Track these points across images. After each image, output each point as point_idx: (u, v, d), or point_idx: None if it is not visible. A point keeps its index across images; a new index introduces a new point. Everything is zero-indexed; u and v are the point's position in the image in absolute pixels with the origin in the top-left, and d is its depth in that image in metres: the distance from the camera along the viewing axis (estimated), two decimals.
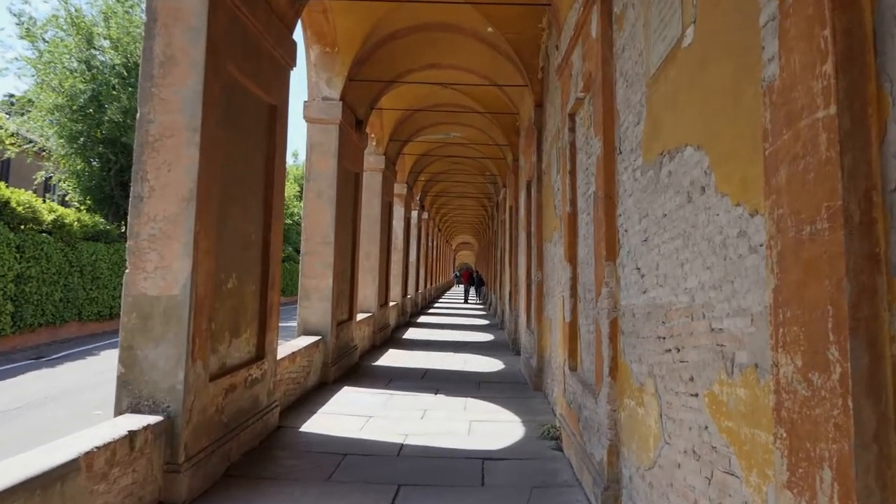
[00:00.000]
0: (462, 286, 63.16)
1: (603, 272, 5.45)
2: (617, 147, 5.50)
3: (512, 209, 16.84)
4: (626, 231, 5.13)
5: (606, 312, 5.35)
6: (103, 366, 14.53)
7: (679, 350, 4.01)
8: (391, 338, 18.66)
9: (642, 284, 4.74)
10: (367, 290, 16.29)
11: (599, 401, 5.64)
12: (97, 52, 24.65)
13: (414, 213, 27.32)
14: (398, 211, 21.84)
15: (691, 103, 3.90)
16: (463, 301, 42.77)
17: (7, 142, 25.51)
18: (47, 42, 24.61)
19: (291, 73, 8.38)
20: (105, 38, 24.47)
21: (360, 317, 14.99)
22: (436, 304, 39.45)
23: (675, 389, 4.07)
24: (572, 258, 7.30)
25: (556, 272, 8.82)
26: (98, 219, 22.19)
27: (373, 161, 17.11)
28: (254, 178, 7.48)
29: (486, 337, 19.52)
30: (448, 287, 70.48)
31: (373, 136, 17.37)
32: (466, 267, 68.85)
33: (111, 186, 25.20)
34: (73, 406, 10.27)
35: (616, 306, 5.24)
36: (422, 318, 26.46)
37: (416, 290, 29.76)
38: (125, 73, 24.39)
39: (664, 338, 4.27)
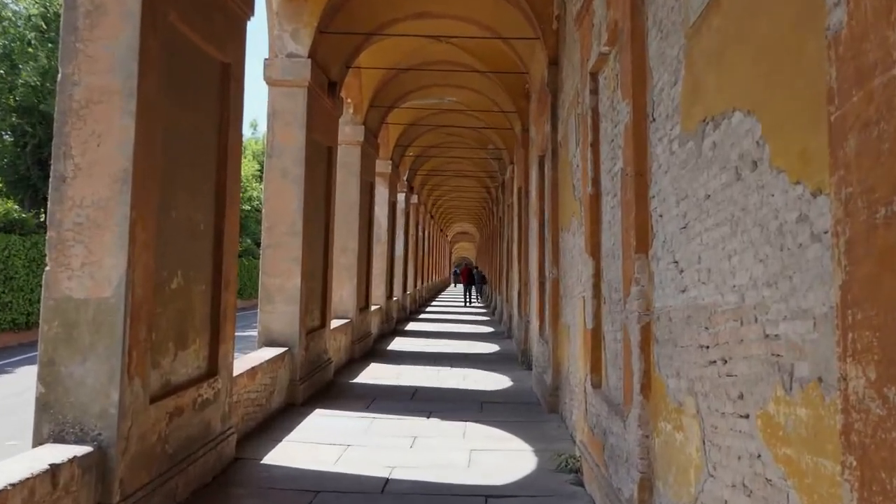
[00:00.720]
0: (461, 286, 66.00)
1: (632, 267, 5.45)
2: (649, 113, 5.50)
3: (521, 191, 16.92)
4: (660, 216, 5.16)
5: (637, 316, 5.37)
6: (20, 386, 14.52)
7: (726, 361, 4.03)
8: (373, 349, 18.64)
9: (681, 282, 4.76)
10: (343, 291, 16.34)
11: (629, 424, 5.65)
12: (9, 1, 24.58)
13: (400, 197, 27.51)
14: (381, 193, 21.90)
15: (740, 59, 3.90)
16: (463, 304, 43.92)
17: None
18: None
19: (249, 24, 8.37)
20: None
21: (335, 324, 15.04)
22: (429, 307, 40.12)
23: (720, 410, 4.08)
24: (595, 250, 7.33)
25: (576, 268, 8.90)
26: (11, 205, 22.17)
27: (349, 132, 17.08)
28: (203, 153, 7.46)
29: (489, 347, 19.65)
30: (444, 287, 72.22)
31: (349, 101, 17.36)
32: (465, 263, 73.07)
33: (27, 165, 25.18)
34: None
35: (649, 309, 5.27)
36: (411, 325, 26.63)
37: (405, 290, 30.01)
38: (44, 26, 24.35)
39: (707, 347, 4.28)
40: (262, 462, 8.22)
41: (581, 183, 8.25)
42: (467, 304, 44.00)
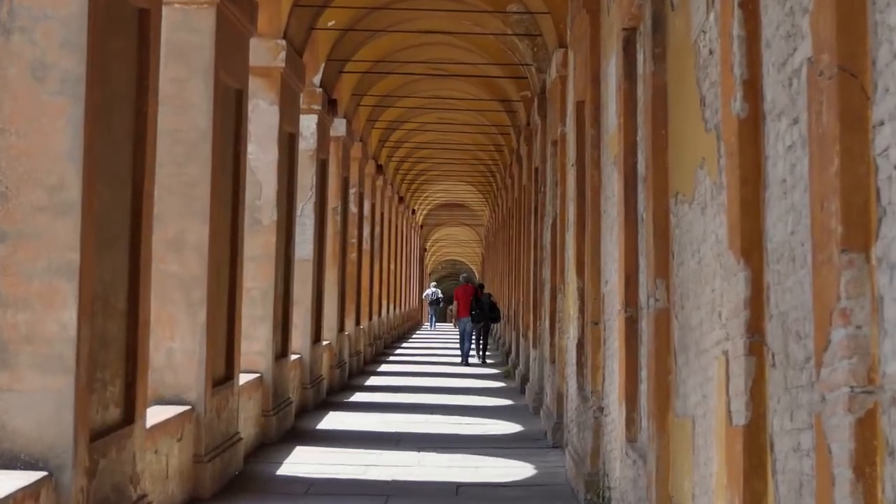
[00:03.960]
0: (456, 323, 29.89)
1: (836, 283, 3.04)
2: None
3: (583, 112, 8.95)
4: None
5: (844, 398, 3.03)
6: None
7: None
8: (295, 429, 11.97)
9: None
10: (181, 339, 8.27)
11: None
12: None
13: (353, 171, 18.94)
14: (306, 143, 13.82)
15: None
16: (461, 359, 24.07)
17: None
18: None
19: None
20: None
21: (154, 421, 7.43)
22: (399, 351, 28.70)
23: None
24: (751, 245, 4.04)
25: (706, 285, 4.76)
26: None
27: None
28: None
29: (515, 469, 10.24)
30: (409, 327, 42.43)
31: None
32: (465, 278, 29.86)
33: None
34: None
35: (871, 379, 2.98)
36: (356, 398, 16.41)
37: (359, 322, 21.37)
38: None
39: None
40: None
41: (721, 92, 4.38)
42: (466, 358, 24.13)
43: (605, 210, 8.20)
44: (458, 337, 26.53)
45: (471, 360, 24.15)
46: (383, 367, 22.74)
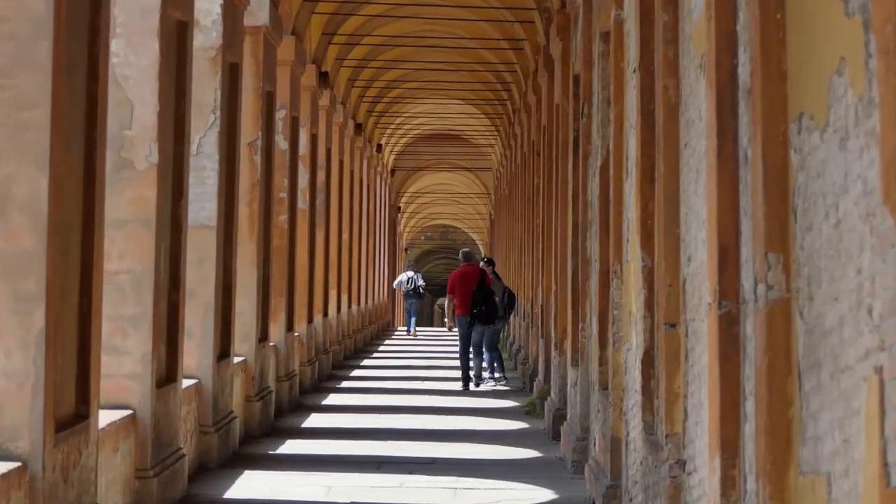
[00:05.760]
0: (453, 324, 19.27)
1: None
2: None
3: None
4: None
5: None
6: None
7: None
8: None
9: None
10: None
11: None
12: None
13: (281, 82, 13.86)
14: (201, 51, 9.52)
15: None
16: (461, 381, 17.08)
17: None
18: None
19: None
20: None
21: None
22: (358, 371, 20.59)
23: None
24: None
25: (848, 263, 3.40)
26: None
27: None
28: None
29: None
30: (375, 332, 31.49)
31: None
32: (466, 257, 18.50)
33: None
34: None
35: None
36: (289, 449, 11.37)
37: (293, 327, 14.96)
38: None
39: None
40: None
41: None
42: (490, 381, 17.76)
43: (686, 143, 6.23)
44: (456, 346, 18.77)
45: (482, 382, 17.38)
46: (333, 398, 15.83)
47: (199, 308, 9.61)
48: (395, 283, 33.73)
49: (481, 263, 18.33)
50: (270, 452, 10.90)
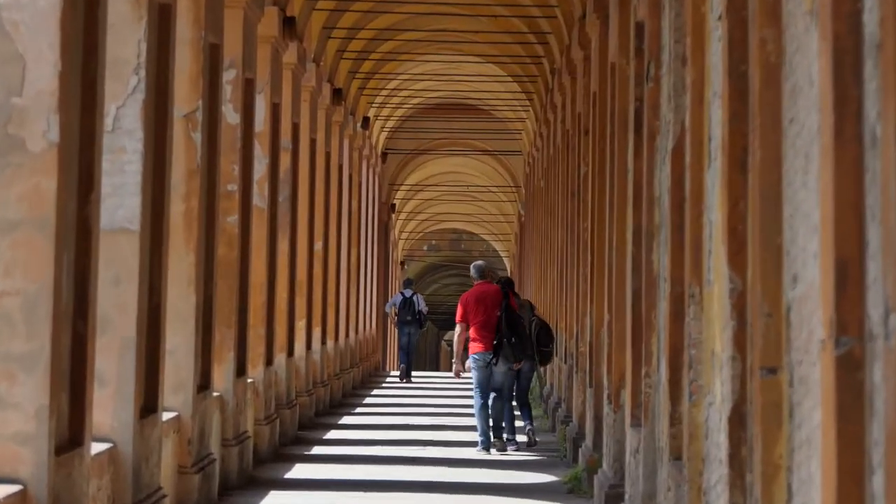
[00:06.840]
0: (469, 365, 13.76)
1: None
2: None
3: None
4: None
5: None
6: None
7: None
8: None
9: None
10: None
11: None
12: None
13: (230, 32, 10.64)
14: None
15: None
16: (480, 442, 13.09)
17: None
18: None
19: None
20: None
21: None
22: (335, 432, 15.92)
23: None
24: None
25: None
26: None
27: None
28: None
29: None
30: (370, 373, 26.27)
31: None
32: (480, 272, 13.84)
33: None
34: None
35: None
36: None
37: (243, 371, 11.41)
38: None
39: None
40: None
41: None
42: (514, 442, 13.46)
43: (791, 119, 5.02)
44: (468, 395, 15.51)
45: (509, 445, 13.53)
46: (300, 470, 12.07)
47: (115, 344, 7.37)
48: (388, 305, 27.08)
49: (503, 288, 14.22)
50: None
